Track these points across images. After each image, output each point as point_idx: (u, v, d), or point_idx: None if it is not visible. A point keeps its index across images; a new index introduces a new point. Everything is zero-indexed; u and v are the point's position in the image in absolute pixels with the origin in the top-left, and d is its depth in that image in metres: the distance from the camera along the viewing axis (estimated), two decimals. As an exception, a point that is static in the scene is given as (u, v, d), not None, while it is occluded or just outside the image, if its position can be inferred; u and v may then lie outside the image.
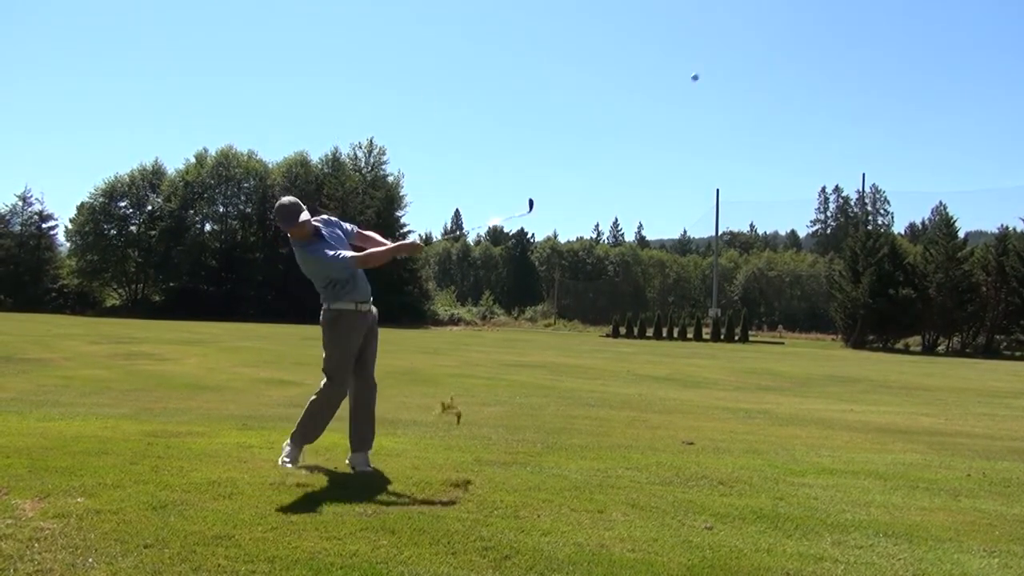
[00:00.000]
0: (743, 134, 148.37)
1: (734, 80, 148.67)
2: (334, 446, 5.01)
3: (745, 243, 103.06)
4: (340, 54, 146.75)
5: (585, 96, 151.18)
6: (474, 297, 78.95)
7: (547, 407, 8.67)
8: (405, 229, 63.33)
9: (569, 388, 11.19)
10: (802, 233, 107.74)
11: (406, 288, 58.54)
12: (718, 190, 61.13)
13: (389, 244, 4.65)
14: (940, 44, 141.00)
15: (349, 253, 4.52)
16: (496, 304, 73.65)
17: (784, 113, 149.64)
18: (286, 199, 4.57)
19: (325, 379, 4.61)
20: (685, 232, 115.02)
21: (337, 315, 4.56)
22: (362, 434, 4.64)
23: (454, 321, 59.65)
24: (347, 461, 4.65)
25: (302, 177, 57.11)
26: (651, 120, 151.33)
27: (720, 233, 70.85)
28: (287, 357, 15.85)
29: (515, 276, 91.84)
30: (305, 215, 4.47)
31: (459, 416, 5.34)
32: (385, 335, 5.37)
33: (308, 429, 4.65)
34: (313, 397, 4.65)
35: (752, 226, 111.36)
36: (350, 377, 4.63)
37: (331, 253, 4.46)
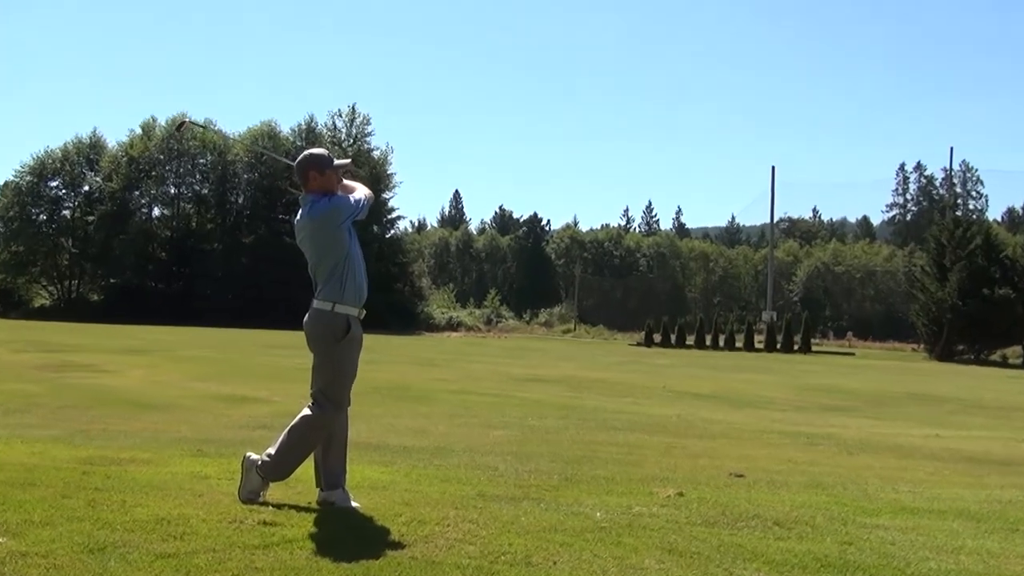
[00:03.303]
0: (804, 101, 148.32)
1: (792, 36, 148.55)
2: (307, 477, 5.02)
3: (807, 232, 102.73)
4: (317, 2, 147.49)
5: (611, 55, 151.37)
6: (477, 297, 79.12)
7: (565, 431, 8.66)
8: (394, 214, 63.62)
9: (592, 408, 11.16)
10: (876, 220, 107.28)
11: (394, 286, 58.73)
12: (774, 168, 60.56)
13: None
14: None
15: (363, 190, 4.75)
16: (504, 306, 73.79)
17: (854, 76, 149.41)
18: (314, 148, 4.91)
19: (316, 404, 4.56)
20: (734, 219, 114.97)
21: (339, 320, 4.53)
22: (338, 469, 4.65)
23: (453, 326, 59.79)
24: (319, 500, 4.64)
25: (270, 150, 57.17)
26: (692, 84, 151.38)
27: (776, 220, 70.66)
28: (252, 369, 15.89)
29: (527, 271, 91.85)
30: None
31: None
32: (369, 342, 5.38)
33: (285, 461, 4.60)
34: (296, 423, 4.59)
35: (815, 212, 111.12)
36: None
37: (355, 196, 4.66)
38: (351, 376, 4.63)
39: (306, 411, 4.60)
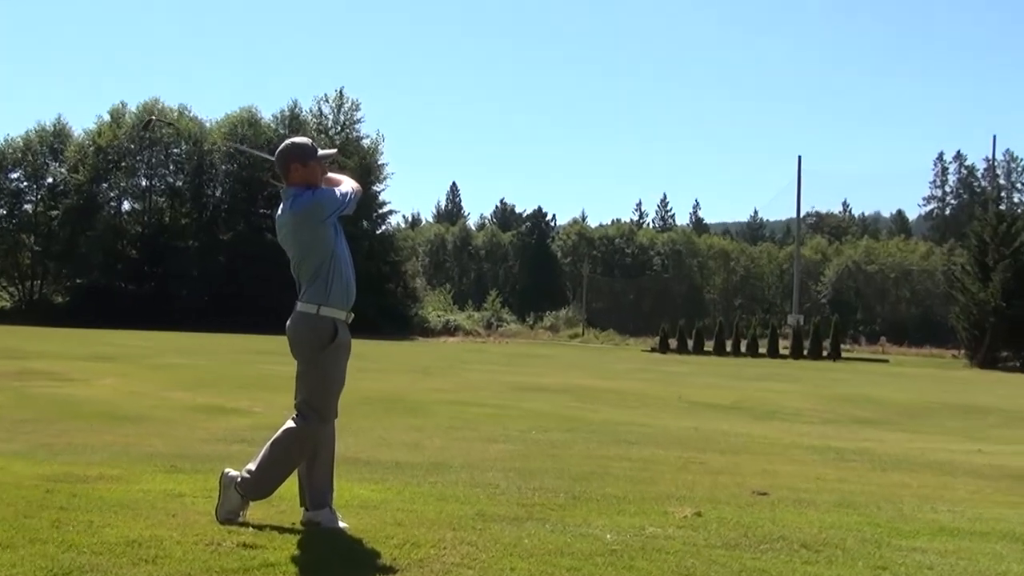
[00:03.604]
0: (832, 84, 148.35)
1: (818, 15, 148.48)
2: (291, 495, 5.02)
3: (836, 228, 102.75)
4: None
5: (622, 39, 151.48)
6: (476, 299, 79.14)
7: (572, 445, 8.66)
8: (385, 208, 63.70)
9: (602, 420, 11.17)
10: (912, 215, 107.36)
11: (386, 286, 58.81)
12: (800, 157, 60.57)
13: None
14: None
15: (349, 183, 4.76)
16: (505, 308, 73.80)
17: (888, 57, 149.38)
18: (296, 138, 4.89)
19: (300, 415, 4.56)
20: (756, 213, 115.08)
21: (325, 324, 4.54)
22: (324, 487, 4.65)
23: (449, 330, 59.85)
24: (303, 521, 4.64)
25: (250, 139, 57.27)
26: (710, 68, 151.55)
27: (803, 215, 70.63)
28: (231, 377, 15.91)
29: (530, 271, 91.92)
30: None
31: None
32: (358, 348, 5.38)
33: (266, 478, 4.60)
34: (279, 436, 4.59)
35: (846, 205, 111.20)
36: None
37: (342, 190, 4.66)
38: (338, 385, 4.63)
39: (289, 423, 4.60)
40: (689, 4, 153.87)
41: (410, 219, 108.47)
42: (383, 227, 64.26)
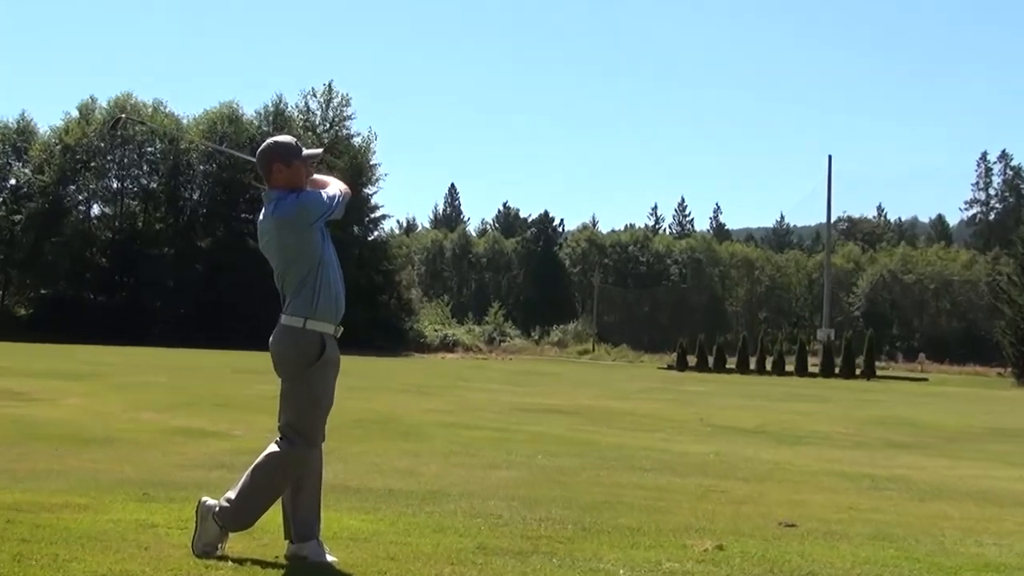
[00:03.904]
0: (865, 78, 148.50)
1: (849, 5, 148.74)
2: (275, 526, 5.02)
3: (870, 234, 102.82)
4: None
5: (635, 32, 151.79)
6: (477, 311, 79.28)
7: (582, 472, 8.65)
8: (378, 213, 63.87)
9: (614, 444, 11.17)
10: (953, 220, 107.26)
11: (379, 298, 58.92)
12: (830, 157, 60.49)
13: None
14: None
15: (337, 184, 4.78)
16: (508, 322, 73.93)
17: (925, 50, 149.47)
18: (279, 136, 4.91)
19: (284, 439, 4.57)
20: (783, 218, 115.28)
21: (312, 339, 4.55)
22: (310, 518, 4.64)
23: (448, 346, 59.96)
24: (288, 555, 4.64)
25: (231, 137, 57.50)
26: (731, 62, 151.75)
27: (834, 219, 70.49)
28: (209, 397, 15.92)
29: (536, 281, 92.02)
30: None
31: None
32: (347, 365, 5.39)
33: (248, 507, 4.60)
34: (261, 461, 4.59)
35: (880, 210, 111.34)
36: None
37: (329, 192, 4.68)
38: (326, 406, 4.63)
39: (273, 447, 4.60)
40: (703, 2, 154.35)
41: (405, 224, 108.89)
42: (375, 233, 64.44)
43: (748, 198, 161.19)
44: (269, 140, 4.83)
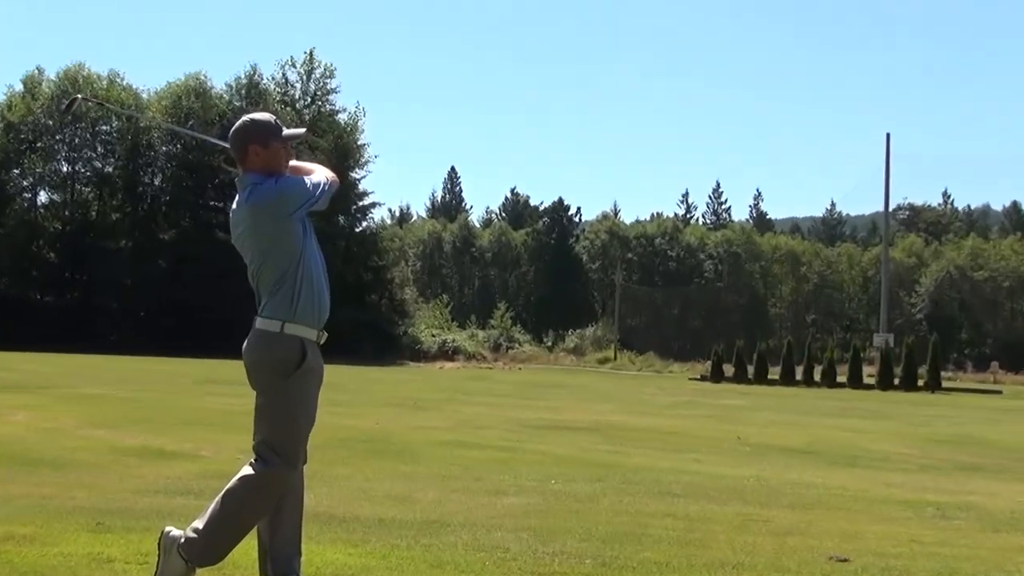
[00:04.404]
0: (929, 50, 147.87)
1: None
2: (249, 561, 5.04)
3: (935, 224, 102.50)
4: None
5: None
6: (481, 314, 79.29)
7: (601, 498, 8.66)
8: (367, 200, 63.90)
9: (638, 467, 11.17)
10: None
11: (367, 298, 58.98)
12: (888, 136, 60.44)
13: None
14: None
15: (323, 171, 4.81)
16: (517, 326, 73.83)
17: (995, 17, 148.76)
18: (255, 113, 4.93)
19: (260, 459, 4.59)
20: (834, 206, 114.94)
21: (291, 345, 4.57)
22: (289, 552, 4.66)
23: (447, 353, 59.91)
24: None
25: (198, 114, 57.59)
26: (772, 30, 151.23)
27: (893, 208, 70.49)
28: (173, 412, 15.96)
29: (549, 278, 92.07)
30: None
31: None
32: (332, 375, 5.41)
33: (218, 539, 4.60)
34: (233, 486, 4.60)
35: (946, 196, 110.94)
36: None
37: (313, 180, 4.70)
38: (307, 422, 4.65)
39: (246, 470, 4.62)
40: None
41: (398, 214, 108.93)
42: (364, 224, 64.47)
43: (794, 183, 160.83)
44: (244, 118, 4.84)
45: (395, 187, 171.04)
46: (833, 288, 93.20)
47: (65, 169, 61.44)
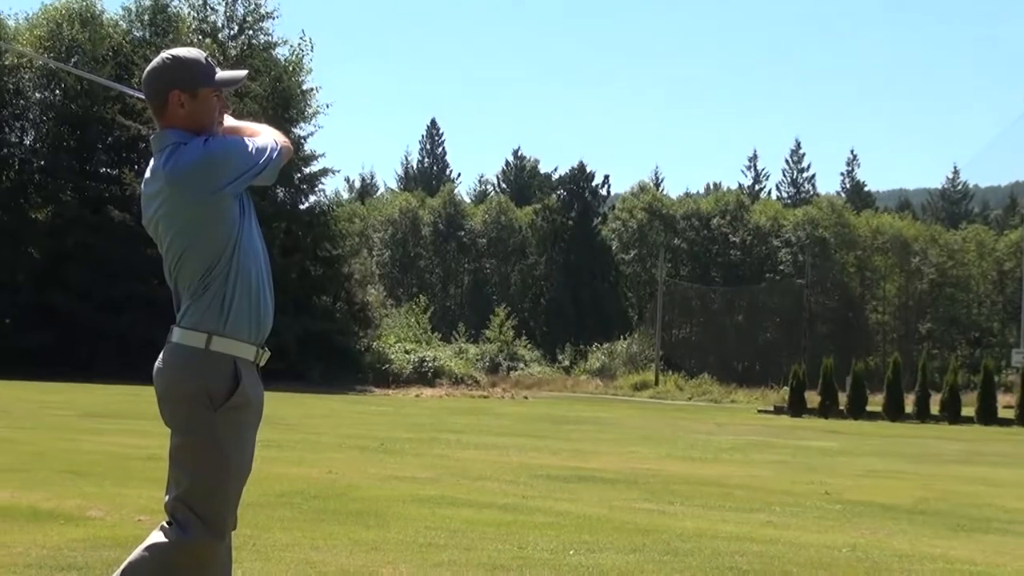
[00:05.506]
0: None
1: None
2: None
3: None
4: None
5: None
6: (473, 321, 79.39)
7: (638, 575, 8.68)
8: (315, 166, 63.78)
9: (689, 532, 11.20)
10: None
11: (316, 301, 58.88)
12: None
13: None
14: None
15: (272, 134, 4.85)
16: (522, 339, 73.81)
17: None
18: (177, 49, 4.86)
19: (176, 524, 4.61)
20: (956, 175, 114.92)
21: (220, 366, 4.58)
22: None
23: (426, 376, 59.78)
24: None
25: (84, 46, 57.62)
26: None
27: (1038, 175, 69.65)
28: (50, 456, 15.99)
29: (566, 273, 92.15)
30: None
31: None
32: (273, 406, 5.44)
33: None
34: (137, 559, 4.62)
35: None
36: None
37: (258, 143, 4.69)
38: (241, 473, 4.68)
39: (157, 537, 4.65)
40: None
41: (358, 184, 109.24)
42: (311, 198, 64.16)
43: (901, 146, 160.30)
44: (164, 54, 4.80)
45: (354, 148, 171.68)
46: (955, 286, 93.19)
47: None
